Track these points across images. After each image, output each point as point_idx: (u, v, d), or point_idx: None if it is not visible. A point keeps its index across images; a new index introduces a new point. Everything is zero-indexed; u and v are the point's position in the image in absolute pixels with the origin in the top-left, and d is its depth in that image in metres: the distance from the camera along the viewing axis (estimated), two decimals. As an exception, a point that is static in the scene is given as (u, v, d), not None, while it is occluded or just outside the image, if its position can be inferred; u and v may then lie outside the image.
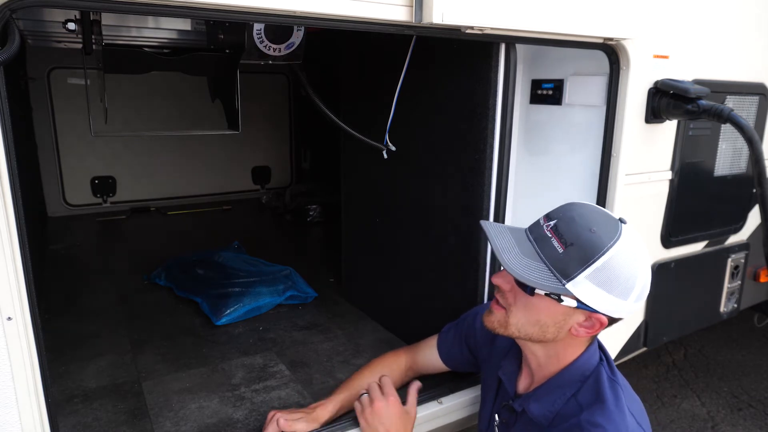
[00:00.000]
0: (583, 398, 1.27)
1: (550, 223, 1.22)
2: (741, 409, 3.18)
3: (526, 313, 1.27)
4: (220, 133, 4.09)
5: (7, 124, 1.12)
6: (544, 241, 1.21)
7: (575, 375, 1.30)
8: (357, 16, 1.34)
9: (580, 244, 1.17)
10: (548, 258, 1.19)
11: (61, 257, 3.40)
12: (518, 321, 1.29)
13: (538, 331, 1.27)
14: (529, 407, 1.33)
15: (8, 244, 1.15)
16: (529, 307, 1.26)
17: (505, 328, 1.32)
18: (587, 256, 1.16)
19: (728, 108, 1.87)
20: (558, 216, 1.23)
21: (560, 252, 1.18)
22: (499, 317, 1.32)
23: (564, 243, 1.18)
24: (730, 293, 2.67)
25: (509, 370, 1.47)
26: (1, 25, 1.06)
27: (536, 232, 1.24)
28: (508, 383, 1.45)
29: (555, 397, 1.30)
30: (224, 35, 2.53)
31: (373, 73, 2.38)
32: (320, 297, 2.78)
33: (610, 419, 1.19)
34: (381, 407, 1.54)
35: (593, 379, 1.28)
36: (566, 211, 1.24)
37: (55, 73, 4.06)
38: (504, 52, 1.75)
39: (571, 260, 1.17)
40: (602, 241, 1.16)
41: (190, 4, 1.18)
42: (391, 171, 2.31)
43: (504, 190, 1.87)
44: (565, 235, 1.18)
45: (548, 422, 1.30)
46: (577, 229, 1.18)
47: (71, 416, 1.77)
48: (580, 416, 1.22)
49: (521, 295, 1.26)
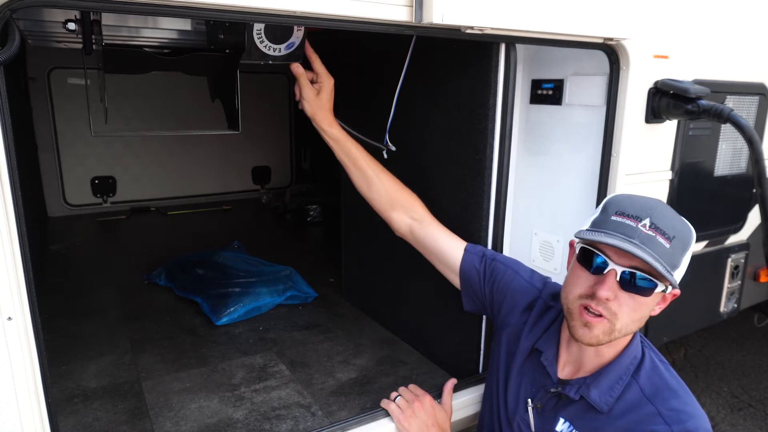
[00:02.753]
0: (646, 383, 1.31)
1: (645, 223, 1.23)
2: (741, 409, 3.18)
3: (632, 314, 1.27)
4: (220, 133, 4.10)
5: (7, 124, 1.12)
6: (651, 242, 1.21)
7: (628, 359, 1.34)
8: (357, 16, 1.34)
9: (679, 235, 1.24)
10: (659, 255, 1.21)
11: (61, 257, 3.41)
12: (624, 324, 1.27)
13: (638, 326, 1.31)
14: (590, 394, 1.34)
15: (8, 244, 1.15)
16: (636, 306, 1.26)
17: (611, 336, 1.29)
18: (686, 243, 1.25)
19: (728, 108, 1.87)
20: (645, 214, 1.24)
21: (667, 247, 1.22)
22: (603, 328, 1.27)
23: (668, 238, 1.22)
24: (730, 293, 2.67)
25: (550, 354, 1.46)
26: (1, 25, 1.06)
27: (638, 236, 1.22)
28: (550, 369, 1.44)
29: (614, 383, 1.33)
30: (224, 35, 2.53)
31: (373, 73, 2.38)
32: (320, 297, 2.78)
33: (686, 402, 1.28)
34: (419, 407, 1.65)
35: (648, 363, 1.34)
36: (646, 208, 1.25)
37: (55, 73, 4.06)
38: (504, 52, 1.75)
39: (676, 251, 1.23)
40: (687, 225, 1.28)
41: (190, 4, 1.18)
42: (391, 171, 2.31)
43: (504, 190, 1.87)
44: (667, 230, 1.22)
45: (609, 408, 1.32)
46: (670, 223, 1.24)
47: (71, 416, 1.77)
48: (655, 404, 1.27)
49: (629, 298, 1.25)
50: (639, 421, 1.27)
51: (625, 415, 1.30)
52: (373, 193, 1.87)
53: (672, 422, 1.24)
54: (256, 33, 2.39)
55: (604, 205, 1.33)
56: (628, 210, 1.26)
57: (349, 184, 2.74)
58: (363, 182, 1.88)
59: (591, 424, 1.34)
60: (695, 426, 1.24)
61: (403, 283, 2.34)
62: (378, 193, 1.86)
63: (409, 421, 1.63)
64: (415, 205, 1.85)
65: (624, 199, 1.30)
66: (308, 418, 1.79)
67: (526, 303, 1.59)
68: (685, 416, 1.25)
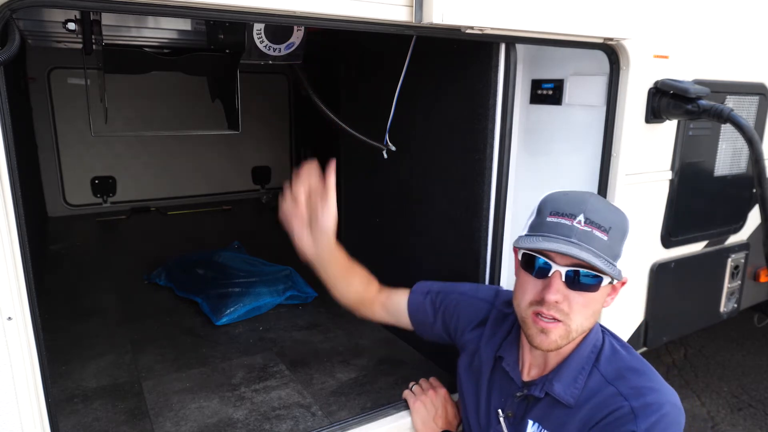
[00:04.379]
0: (607, 368, 1.31)
1: (580, 219, 1.23)
2: (741, 409, 3.18)
3: (584, 311, 1.28)
4: (220, 133, 4.09)
5: (7, 124, 1.12)
6: (588, 237, 1.22)
7: (588, 348, 1.35)
8: (357, 16, 1.34)
9: (615, 225, 1.25)
10: (600, 249, 1.22)
11: (61, 257, 3.40)
12: (578, 323, 1.28)
13: (593, 321, 1.32)
14: (554, 389, 1.33)
15: (8, 244, 1.15)
16: (587, 303, 1.27)
17: (568, 337, 1.29)
18: (623, 232, 1.27)
19: (728, 108, 1.87)
20: (579, 210, 1.25)
21: (605, 239, 1.23)
22: (559, 332, 1.27)
23: (604, 230, 1.24)
24: (730, 293, 2.67)
25: (511, 359, 1.46)
26: (1, 25, 1.06)
27: (576, 234, 1.22)
28: (513, 374, 1.44)
29: (576, 374, 1.33)
30: (224, 35, 2.53)
31: (373, 73, 2.38)
32: (320, 297, 2.78)
33: (649, 379, 1.27)
34: (432, 396, 1.71)
35: (608, 349, 1.35)
36: (578, 203, 1.26)
37: (55, 73, 4.06)
38: (504, 52, 1.75)
39: (615, 242, 1.25)
40: (620, 213, 1.29)
41: (190, 4, 1.18)
42: (391, 171, 2.31)
43: (504, 190, 1.87)
44: (602, 223, 1.24)
45: (575, 400, 1.31)
46: (605, 215, 1.25)
47: (71, 416, 1.77)
48: (616, 385, 1.27)
49: (578, 297, 1.26)
50: (601, 405, 1.27)
51: (589, 402, 1.29)
52: (344, 297, 1.78)
53: (632, 398, 1.24)
54: (256, 33, 2.39)
55: (538, 207, 1.33)
56: (562, 208, 1.26)
57: (349, 184, 2.75)
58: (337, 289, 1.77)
59: (558, 420, 1.33)
60: (656, 399, 1.22)
61: (403, 283, 2.34)
62: (347, 297, 1.78)
63: (419, 406, 1.69)
64: (372, 289, 1.78)
65: (557, 198, 1.31)
66: (308, 418, 1.79)
67: (479, 319, 1.60)
68: (646, 390, 1.24)
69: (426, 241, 2.17)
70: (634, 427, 1.20)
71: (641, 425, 1.19)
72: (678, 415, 1.23)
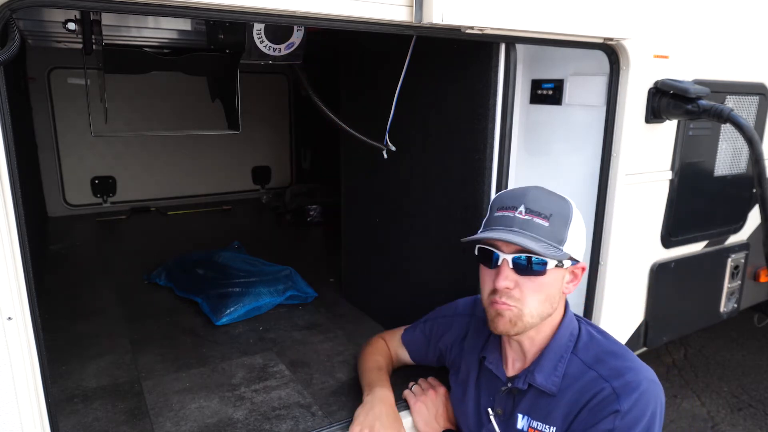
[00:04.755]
0: (585, 354, 1.36)
1: (521, 210, 1.34)
2: (741, 409, 3.18)
3: (536, 295, 1.34)
4: (220, 133, 4.09)
5: (7, 124, 1.12)
6: (529, 225, 1.32)
7: (565, 337, 1.40)
8: (357, 16, 1.34)
9: (557, 211, 1.34)
10: (542, 235, 1.31)
11: (61, 257, 3.41)
12: (532, 307, 1.35)
13: (548, 306, 1.36)
14: (535, 379, 1.38)
15: (8, 244, 1.15)
16: (537, 288, 1.34)
17: (521, 321, 1.35)
18: (566, 217, 1.34)
19: (728, 108, 1.87)
20: (519, 202, 1.35)
21: (546, 225, 1.32)
22: (511, 314, 1.35)
23: (544, 217, 1.32)
24: (730, 293, 2.67)
25: (494, 357, 1.51)
26: (1, 25, 1.06)
27: (517, 223, 1.33)
28: (497, 371, 1.49)
29: (555, 362, 1.37)
30: (224, 35, 2.53)
31: (373, 73, 2.38)
32: (320, 297, 2.78)
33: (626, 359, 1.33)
34: (432, 396, 1.72)
35: (585, 336, 1.40)
36: (519, 196, 1.37)
37: (55, 73, 4.06)
38: (504, 52, 1.75)
39: (558, 227, 1.33)
40: (562, 199, 1.37)
41: (190, 4, 1.18)
42: (391, 171, 2.31)
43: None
44: (542, 211, 1.33)
45: (557, 387, 1.35)
46: (545, 203, 1.34)
47: (71, 416, 1.77)
48: (596, 369, 1.32)
49: (529, 282, 1.33)
50: (584, 389, 1.31)
51: (571, 388, 1.34)
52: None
53: (611, 378, 1.29)
54: (256, 33, 2.39)
55: (490, 206, 1.45)
56: (506, 202, 1.38)
57: (349, 184, 2.76)
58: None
59: (545, 409, 1.38)
60: (634, 377, 1.28)
61: (403, 282, 2.35)
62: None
63: (420, 407, 1.69)
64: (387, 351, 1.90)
65: (503, 194, 1.44)
66: (308, 418, 1.79)
67: (462, 335, 1.69)
68: (624, 370, 1.30)
69: (426, 241, 2.18)
70: (617, 407, 1.25)
71: (624, 404, 1.25)
72: (656, 389, 1.29)
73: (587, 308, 2.07)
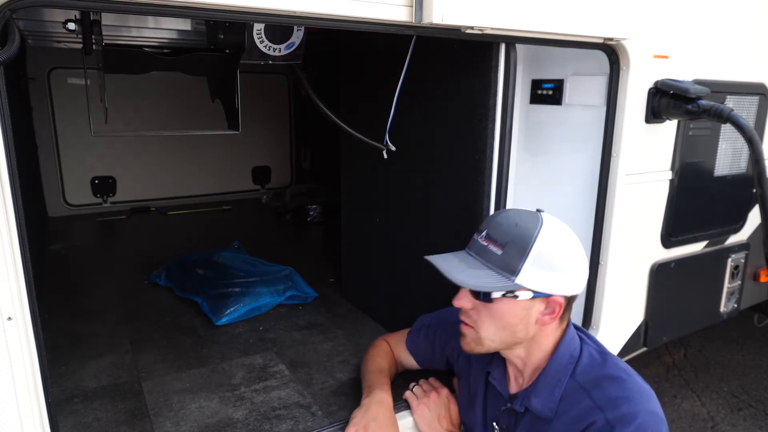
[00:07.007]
0: (584, 379, 1.32)
1: (482, 234, 1.35)
2: (741, 409, 3.18)
3: (492, 322, 1.34)
4: (220, 133, 4.09)
5: (7, 124, 1.12)
6: (483, 251, 1.33)
7: (564, 359, 1.36)
8: (357, 16, 1.34)
9: (513, 241, 1.30)
10: (492, 263, 1.30)
11: (61, 257, 3.40)
12: (488, 332, 1.36)
13: (510, 334, 1.35)
14: (531, 404, 1.37)
15: (8, 244, 1.15)
16: (492, 315, 1.34)
17: (481, 344, 1.38)
18: (523, 247, 1.28)
19: (728, 108, 1.87)
20: (487, 226, 1.36)
21: (500, 254, 1.30)
22: (471, 336, 1.39)
23: (500, 245, 1.30)
24: (730, 293, 2.67)
25: (498, 374, 1.51)
26: (1, 25, 1.06)
27: (475, 247, 1.36)
28: (500, 387, 1.49)
29: (552, 386, 1.34)
30: (224, 35, 2.53)
31: (373, 73, 2.38)
32: (320, 297, 2.78)
33: (625, 388, 1.27)
34: (434, 398, 1.71)
35: (586, 358, 1.35)
36: (491, 219, 1.38)
37: (55, 73, 4.06)
38: (504, 52, 1.75)
39: (511, 257, 1.29)
40: (529, 230, 1.30)
41: (190, 4, 1.18)
42: (391, 171, 2.31)
43: (504, 190, 1.87)
44: (498, 238, 1.31)
45: (553, 413, 1.33)
46: (505, 230, 1.32)
47: (71, 416, 1.77)
48: (592, 397, 1.27)
49: (483, 307, 1.35)
50: (578, 418, 1.28)
51: (566, 414, 1.31)
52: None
53: (607, 410, 1.24)
54: (256, 33, 2.39)
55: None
56: (482, 225, 1.39)
57: (349, 184, 2.75)
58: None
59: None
60: (631, 410, 1.22)
61: (403, 283, 2.34)
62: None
63: (422, 409, 1.68)
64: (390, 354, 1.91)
65: (495, 213, 1.46)
66: (308, 418, 1.79)
67: None
68: (621, 401, 1.24)
69: (426, 241, 2.17)
70: None
71: None
72: (654, 421, 1.23)
73: (587, 308, 2.07)
